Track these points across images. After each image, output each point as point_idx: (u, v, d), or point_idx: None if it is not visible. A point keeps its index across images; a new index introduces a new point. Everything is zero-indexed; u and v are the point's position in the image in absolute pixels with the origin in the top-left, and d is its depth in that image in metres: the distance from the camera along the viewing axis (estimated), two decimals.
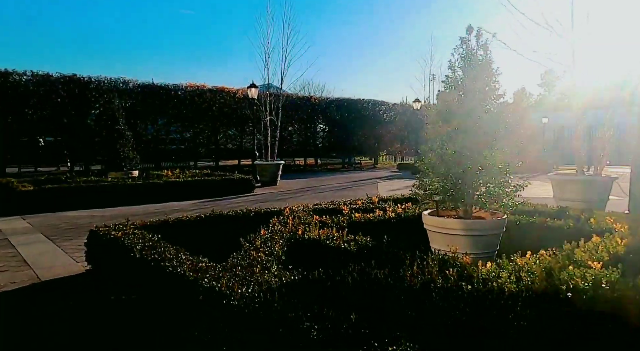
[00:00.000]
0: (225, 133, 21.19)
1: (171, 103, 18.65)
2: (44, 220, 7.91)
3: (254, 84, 14.79)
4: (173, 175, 12.33)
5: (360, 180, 16.28)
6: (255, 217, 5.40)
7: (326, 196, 11.37)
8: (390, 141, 27.48)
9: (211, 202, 10.18)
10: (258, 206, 9.79)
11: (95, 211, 8.92)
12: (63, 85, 15.98)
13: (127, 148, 12.35)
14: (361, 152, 27.76)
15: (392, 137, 27.41)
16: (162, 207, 9.46)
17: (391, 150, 28.95)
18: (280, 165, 14.50)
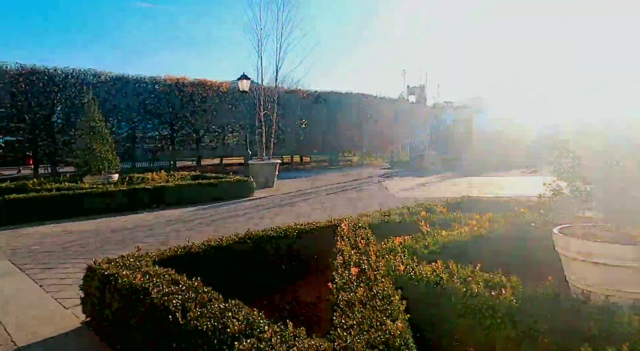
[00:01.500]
0: (206, 130, 19.64)
1: (148, 98, 16.96)
2: (11, 239, 6.40)
3: (246, 75, 13.45)
4: (160, 178, 10.87)
5: (360, 179, 15.24)
6: (303, 236, 4.23)
7: (336, 199, 10.25)
8: (377, 136, 26.59)
9: (210, 210, 8.86)
10: (267, 213, 8.88)
11: (72, 224, 7.44)
12: (24, 78, 14.04)
13: (105, 148, 10.76)
14: (347, 149, 26.76)
15: (379, 132, 26.53)
16: (155, 217, 8.08)
17: (377, 145, 28.07)
18: (277, 164, 13.25)
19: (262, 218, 7.73)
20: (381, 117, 25.80)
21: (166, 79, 17.40)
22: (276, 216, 7.96)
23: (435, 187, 12.25)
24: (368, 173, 18.22)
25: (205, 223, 7.42)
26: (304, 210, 8.61)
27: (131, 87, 16.60)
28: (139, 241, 6.08)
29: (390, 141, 27.90)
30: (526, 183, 12.88)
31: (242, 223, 7.33)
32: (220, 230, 6.72)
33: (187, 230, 6.78)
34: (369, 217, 4.82)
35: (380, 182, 14.14)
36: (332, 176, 16.91)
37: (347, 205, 9.14)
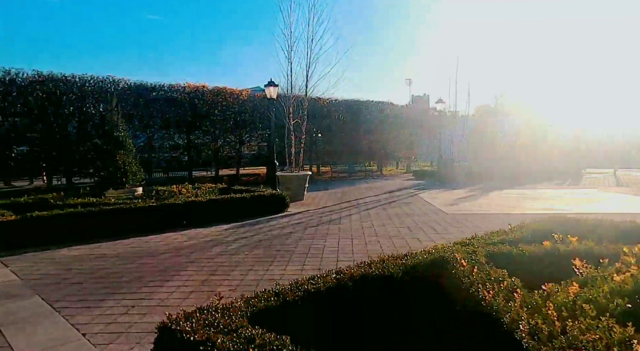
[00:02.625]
0: (225, 140, 18.90)
1: (167, 106, 16.28)
2: (35, 265, 5.60)
3: (273, 81, 12.70)
4: (187, 192, 10.09)
5: (392, 191, 14.39)
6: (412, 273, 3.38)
7: (382, 215, 9.40)
8: (398, 145, 25.76)
9: (247, 227, 8.04)
10: (314, 232, 7.46)
11: (101, 246, 6.65)
12: (41, 85, 13.40)
13: (129, 159, 10.02)
14: (364, 158, 25.93)
15: (399, 141, 25.70)
16: (190, 237, 7.27)
17: (398, 155, 27.21)
18: (308, 176, 12.45)
19: (313, 239, 6.89)
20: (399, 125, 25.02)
21: (185, 86, 16.74)
22: (327, 236, 7.12)
23: (482, 201, 11.37)
24: (396, 184, 17.36)
25: (249, 244, 6.60)
26: (354, 228, 7.77)
27: (150, 95, 15.94)
28: (183, 269, 5.27)
29: (408, 150, 27.08)
30: (580, 195, 12.00)
31: (291, 245, 6.50)
32: (272, 254, 5.90)
33: (232, 255, 5.95)
34: (471, 245, 3.96)
35: (417, 194, 13.28)
36: (359, 188, 16.07)
37: (399, 223, 8.30)
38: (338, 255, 5.76)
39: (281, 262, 5.50)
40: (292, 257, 5.73)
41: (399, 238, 6.79)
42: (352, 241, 6.68)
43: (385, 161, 27.46)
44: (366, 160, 26.28)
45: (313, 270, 5.06)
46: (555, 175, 19.68)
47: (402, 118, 24.95)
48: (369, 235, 7.09)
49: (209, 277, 4.90)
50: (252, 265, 5.36)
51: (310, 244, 6.50)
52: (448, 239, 6.49)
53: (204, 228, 8.03)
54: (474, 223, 8.05)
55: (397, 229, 7.64)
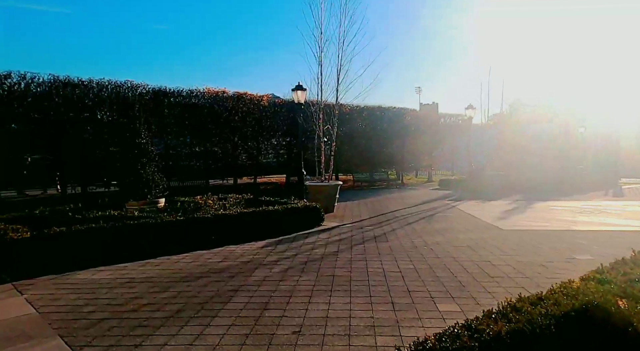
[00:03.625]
0: (243, 147, 18.16)
1: (186, 112, 15.59)
2: (54, 292, 4.83)
3: (301, 85, 11.98)
4: (214, 203, 9.31)
5: (426, 202, 13.49)
6: None
7: (428, 230, 8.52)
8: (418, 154, 24.85)
9: (285, 245, 7.22)
10: (362, 251, 6.55)
11: (127, 268, 5.87)
12: (57, 90, 12.80)
13: (152, 168, 9.29)
14: (384, 167, 25.05)
15: (420, 149, 24.80)
16: (224, 257, 6.46)
17: (418, 164, 26.28)
18: (339, 186, 11.62)
19: (366, 261, 6.03)
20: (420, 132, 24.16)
21: (205, 91, 16.07)
22: (381, 256, 6.25)
23: (532, 215, 10.44)
24: (424, 195, 16.46)
25: (295, 267, 5.76)
26: (406, 246, 6.89)
27: (168, 101, 15.29)
28: (227, 301, 4.45)
29: (428, 159, 26.16)
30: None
31: (343, 268, 5.65)
32: (327, 281, 5.06)
33: (280, 281, 5.12)
34: (608, 282, 3.10)
35: (454, 206, 12.37)
36: (387, 198, 15.21)
37: (454, 239, 7.42)
38: (406, 284, 4.89)
39: (341, 292, 4.65)
40: (352, 285, 4.88)
41: (467, 261, 5.91)
42: (412, 263, 5.81)
43: (406, 170, 26.55)
44: (385, 168, 25.41)
45: (385, 304, 4.21)
46: (591, 185, 18.62)
47: (423, 126, 24.08)
48: (429, 256, 6.22)
49: (262, 313, 4.07)
50: (308, 296, 4.52)
51: (366, 268, 5.64)
52: (526, 263, 5.62)
53: (236, 246, 7.23)
54: (544, 243, 7.14)
55: (456, 248, 6.75)
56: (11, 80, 12.07)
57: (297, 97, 12.03)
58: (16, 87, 12.29)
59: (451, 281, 4.90)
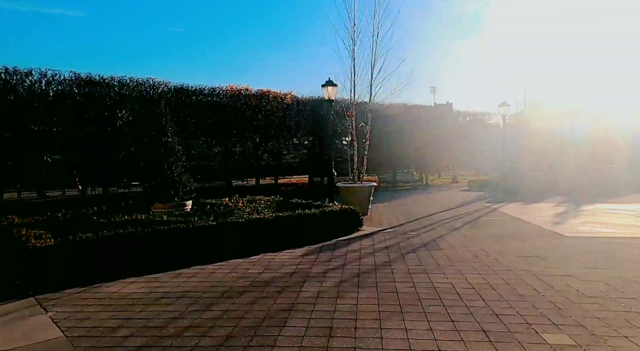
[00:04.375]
0: (266, 147, 17.56)
1: (208, 111, 15.06)
2: (82, 310, 4.24)
3: (332, 81, 11.30)
4: (244, 206, 8.71)
5: (462, 206, 12.69)
6: None
7: (478, 236, 7.77)
8: (444, 153, 23.93)
9: (328, 254, 6.55)
10: (417, 261, 5.86)
11: (160, 278, 5.27)
12: (79, 88, 12.37)
13: (178, 169, 8.74)
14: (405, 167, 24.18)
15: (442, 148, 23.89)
16: (263, 266, 5.82)
17: (442, 164, 25.37)
18: (373, 188, 10.92)
19: (427, 273, 5.32)
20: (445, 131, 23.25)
21: (228, 89, 15.51)
22: (442, 268, 5.53)
23: (590, 219, 9.55)
24: (455, 196, 15.65)
25: (348, 281, 5.09)
26: (464, 255, 6.16)
27: (190, 99, 14.78)
28: (281, 324, 3.80)
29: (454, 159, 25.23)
30: None
31: (405, 283, 4.95)
32: (392, 299, 4.36)
33: (337, 299, 4.44)
34: None
35: (495, 209, 11.55)
36: (418, 200, 14.46)
37: (515, 248, 6.65)
38: (488, 304, 4.17)
39: (414, 314, 3.96)
40: (424, 305, 4.18)
41: (547, 276, 5.14)
42: (483, 277, 5.08)
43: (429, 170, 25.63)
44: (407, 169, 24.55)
45: (475, 332, 3.50)
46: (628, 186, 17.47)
47: (443, 125, 23.15)
48: (498, 269, 5.47)
49: (329, 342, 3.40)
50: (376, 319, 3.83)
51: (431, 282, 4.93)
52: (620, 279, 4.82)
53: (274, 254, 6.59)
54: (625, 252, 6.33)
55: (524, 259, 5.99)
56: (32, 77, 11.67)
57: (327, 93, 11.36)
58: (37, 86, 11.89)
59: (541, 302, 4.16)
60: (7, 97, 11.49)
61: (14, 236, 5.83)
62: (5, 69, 11.26)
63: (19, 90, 11.63)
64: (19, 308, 4.38)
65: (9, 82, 11.32)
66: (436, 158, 24.13)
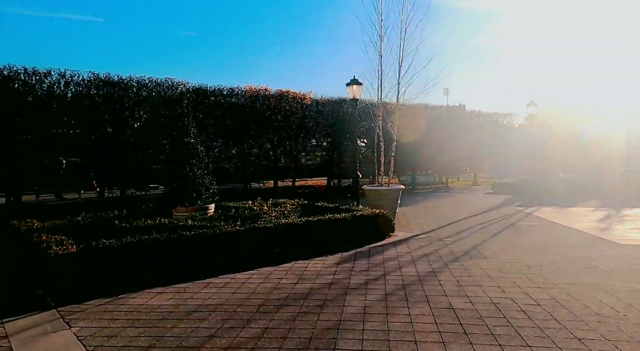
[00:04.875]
0: (284, 148, 17.18)
1: (227, 111, 14.73)
2: (109, 325, 3.86)
3: (357, 79, 10.87)
4: (269, 210, 8.31)
5: (490, 209, 12.12)
6: None
7: (521, 244, 7.24)
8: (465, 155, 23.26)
9: (363, 263, 6.10)
10: (462, 273, 5.22)
11: (188, 288, 4.88)
12: (97, 89, 12.15)
13: (201, 171, 8.39)
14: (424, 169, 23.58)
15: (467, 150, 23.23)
16: (297, 276, 5.40)
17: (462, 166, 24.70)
18: (401, 191, 10.43)
19: (479, 286, 4.83)
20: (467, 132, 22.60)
21: (247, 89, 15.18)
22: (493, 280, 5.04)
23: (635, 224, 8.95)
24: (481, 200, 15.06)
25: (394, 294, 4.63)
26: (514, 266, 5.64)
27: (208, 100, 14.49)
28: (334, 346, 3.36)
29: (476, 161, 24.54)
30: None
31: (458, 297, 4.48)
32: (449, 317, 3.90)
33: (388, 315, 4.00)
34: None
35: (529, 213, 10.97)
36: (444, 203, 13.94)
37: (563, 259, 6.11)
38: (564, 325, 3.67)
39: (481, 336, 3.48)
40: (489, 326, 3.70)
41: (621, 291, 4.61)
42: (543, 291, 4.58)
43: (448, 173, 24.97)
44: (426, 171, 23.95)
45: None
46: None
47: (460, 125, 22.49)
48: (559, 282, 4.95)
49: None
50: (440, 342, 3.37)
51: (488, 297, 4.44)
52: None
53: (306, 261, 6.16)
54: None
55: (583, 270, 5.46)
56: (51, 78, 11.47)
57: (352, 92, 10.92)
58: (56, 87, 11.69)
59: (627, 324, 3.66)
60: (27, 98, 11.31)
61: (34, 242, 5.51)
62: (25, 70, 11.08)
63: (38, 91, 11.44)
64: (40, 321, 4.02)
65: (27, 83, 11.13)
66: (456, 160, 23.51)
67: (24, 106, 11.19)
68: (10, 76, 10.86)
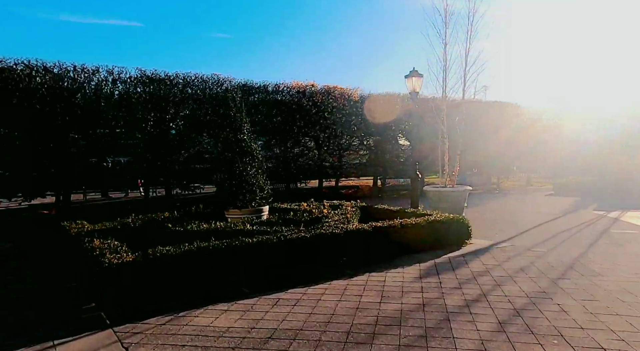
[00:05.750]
0: (329, 147, 16.41)
1: (272, 109, 14.17)
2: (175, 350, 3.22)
3: (416, 71, 9.97)
4: (331, 213, 7.56)
5: (565, 213, 10.87)
6: None
7: (628, 253, 6.12)
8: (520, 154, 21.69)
9: (448, 275, 5.23)
10: (584, 295, 4.20)
11: (256, 306, 4.19)
12: (143, 86, 11.86)
13: (254, 170, 7.77)
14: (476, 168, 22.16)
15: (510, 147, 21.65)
16: (377, 291, 4.61)
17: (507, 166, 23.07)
18: (467, 192, 9.45)
19: (616, 314, 3.87)
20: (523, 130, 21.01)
21: (292, 85, 14.56)
22: (630, 307, 4.06)
23: None
24: (550, 202, 13.75)
25: (509, 321, 3.76)
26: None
27: (253, 97, 13.98)
28: None
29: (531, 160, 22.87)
30: None
31: (599, 328, 3.54)
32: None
33: (534, 344, 3.13)
34: None
35: (617, 218, 9.69)
36: (507, 207, 12.78)
37: None
38: None
39: None
40: None
41: None
42: None
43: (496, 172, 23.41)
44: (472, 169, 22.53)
45: None
46: None
47: (523, 122, 20.94)
48: None
49: None
50: None
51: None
52: None
53: (380, 274, 5.37)
54: None
55: None
56: (99, 75, 11.26)
57: (411, 85, 10.03)
58: (103, 84, 11.47)
59: None
60: (75, 96, 11.14)
61: (85, 247, 5.01)
62: (74, 67, 10.91)
63: (86, 89, 11.25)
64: (95, 346, 3.44)
65: (76, 80, 10.95)
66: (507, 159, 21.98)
67: (72, 105, 11.01)
68: (60, 74, 10.69)
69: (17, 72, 10.09)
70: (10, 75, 10.02)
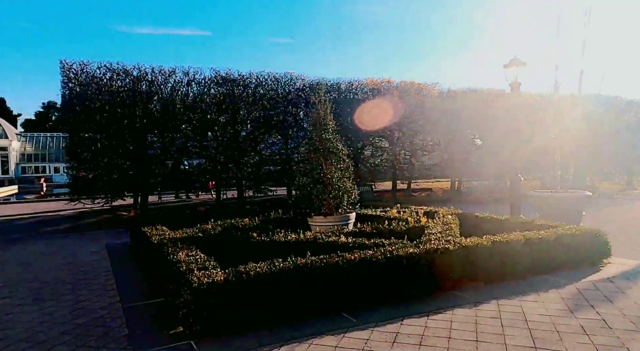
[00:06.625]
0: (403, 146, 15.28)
1: (349, 107, 13.38)
2: None
3: (519, 58, 8.66)
4: (431, 223, 6.56)
5: None
6: None
7: None
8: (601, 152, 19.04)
9: (607, 310, 4.05)
10: None
11: (368, 342, 3.35)
12: (218, 86, 11.64)
13: (343, 174, 7.00)
14: None
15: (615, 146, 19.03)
16: (520, 329, 3.62)
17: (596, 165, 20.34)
18: (585, 198, 7.97)
19: None
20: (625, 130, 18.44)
21: (366, 82, 13.70)
22: None
23: None
24: None
25: None
26: None
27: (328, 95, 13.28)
28: None
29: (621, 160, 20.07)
30: None
31: None
32: None
33: None
34: None
35: None
36: (622, 214, 10.94)
37: None
38: None
39: None
40: None
41: None
42: None
43: (597, 174, 20.75)
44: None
45: None
46: None
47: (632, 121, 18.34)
48: None
49: None
50: None
51: None
52: None
53: (510, 301, 4.33)
54: None
55: None
56: (175, 76, 11.20)
57: (513, 75, 8.74)
58: (179, 86, 11.40)
59: None
60: (153, 98, 11.15)
61: (170, 260, 4.50)
62: (152, 69, 10.91)
63: (163, 92, 11.21)
64: None
65: (154, 82, 10.93)
66: (603, 158, 19.42)
67: (150, 107, 11.02)
68: (139, 77, 10.73)
69: (99, 76, 10.23)
70: (94, 80, 10.18)
